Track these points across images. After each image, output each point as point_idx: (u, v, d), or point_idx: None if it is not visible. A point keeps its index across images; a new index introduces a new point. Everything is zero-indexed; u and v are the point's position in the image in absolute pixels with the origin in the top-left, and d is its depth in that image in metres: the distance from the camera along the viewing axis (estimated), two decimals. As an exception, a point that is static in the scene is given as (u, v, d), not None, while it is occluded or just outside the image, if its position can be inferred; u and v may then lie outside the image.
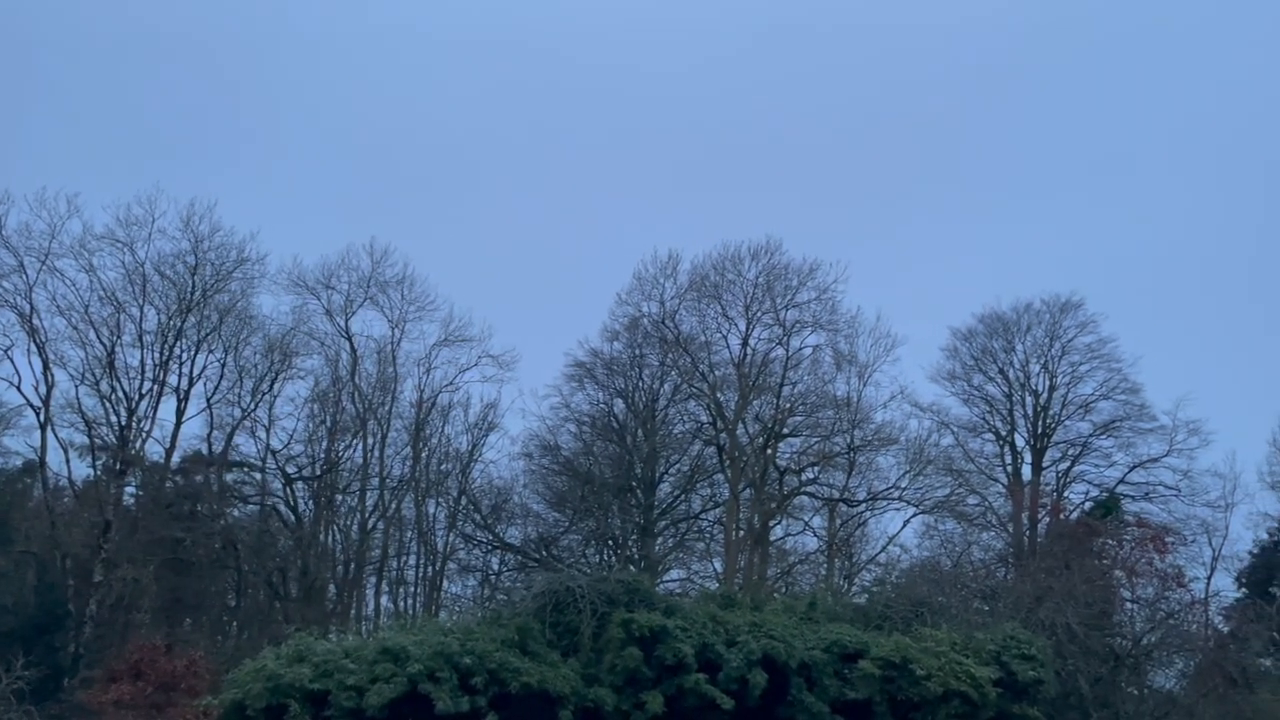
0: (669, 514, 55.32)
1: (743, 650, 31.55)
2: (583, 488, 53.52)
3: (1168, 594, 43.30)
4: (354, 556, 53.62)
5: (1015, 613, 37.27)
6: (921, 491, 52.25)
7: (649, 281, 54.29)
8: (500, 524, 55.62)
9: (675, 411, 55.82)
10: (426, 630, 32.69)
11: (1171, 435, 52.58)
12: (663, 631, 31.39)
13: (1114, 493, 52.25)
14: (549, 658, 31.47)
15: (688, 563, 57.00)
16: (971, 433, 55.79)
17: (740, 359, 53.17)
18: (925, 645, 32.12)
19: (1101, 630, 39.03)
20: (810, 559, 55.65)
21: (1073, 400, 54.55)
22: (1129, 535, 45.93)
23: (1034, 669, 32.47)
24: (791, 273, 53.24)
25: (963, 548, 50.39)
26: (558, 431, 55.79)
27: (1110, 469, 53.83)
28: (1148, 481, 52.92)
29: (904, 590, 38.80)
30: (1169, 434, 52.65)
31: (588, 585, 33.09)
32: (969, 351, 56.42)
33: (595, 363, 55.38)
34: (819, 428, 53.65)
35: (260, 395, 53.30)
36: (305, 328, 54.98)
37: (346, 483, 55.31)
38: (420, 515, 55.29)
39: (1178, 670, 44.04)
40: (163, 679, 37.24)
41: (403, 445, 55.86)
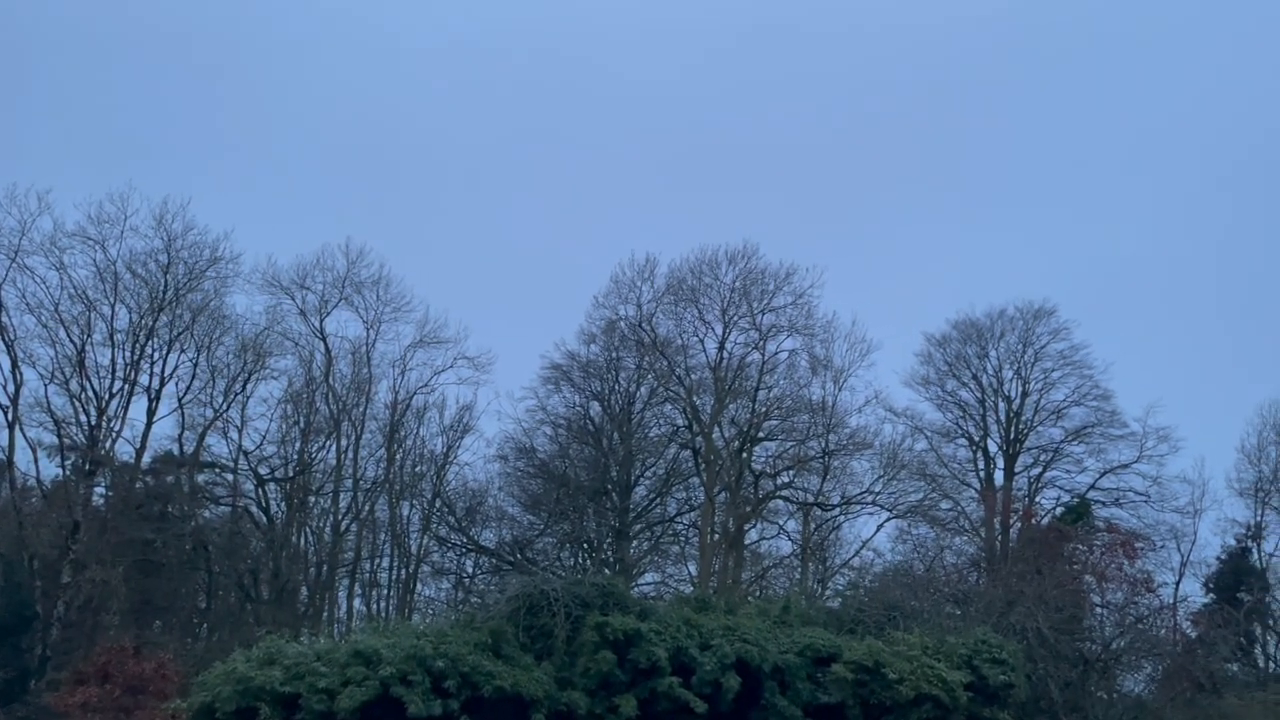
0: (644, 517, 55.36)
1: (716, 654, 31.63)
2: (558, 490, 53.45)
3: (1137, 599, 43.77)
4: (326, 559, 53.27)
5: (987, 617, 37.57)
6: (895, 496, 52.62)
7: (626, 284, 54.44)
8: (475, 527, 55.45)
9: (651, 415, 55.89)
10: (399, 633, 32.57)
11: (1141, 442, 53.24)
12: (637, 635, 31.41)
13: (1085, 498, 52.75)
14: (522, 661, 31.42)
15: (662, 566, 57.07)
16: (945, 438, 56.25)
17: (716, 363, 53.34)
18: (897, 649, 32.32)
19: (1071, 635, 39.41)
20: (784, 563, 55.88)
21: (1045, 406, 55.11)
22: (1099, 541, 46.42)
23: (1005, 673, 32.74)
24: (768, 277, 53.53)
25: (935, 552, 50.73)
26: (533, 434, 55.79)
27: (1081, 475, 54.44)
28: (1118, 487, 53.50)
29: (877, 594, 39.03)
30: (1139, 440, 53.32)
31: (562, 588, 33.07)
32: (943, 357, 56.91)
33: (572, 365, 55.41)
34: (794, 432, 53.88)
35: (233, 395, 52.91)
36: (279, 328, 54.70)
37: (319, 484, 54.97)
38: (394, 517, 55.03)
39: (1146, 675, 44.53)
40: (131, 681, 36.84)
41: (377, 447, 55.61)
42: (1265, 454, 53.07)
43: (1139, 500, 52.80)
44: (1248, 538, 52.59)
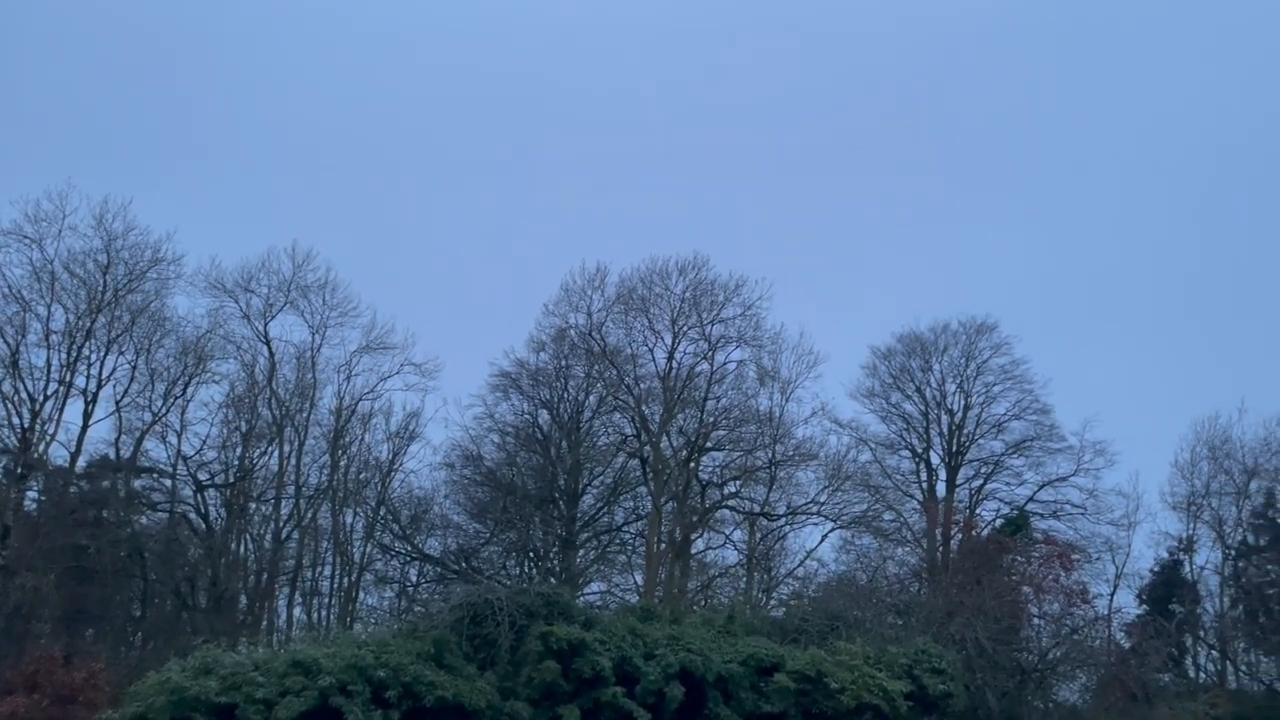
0: (591, 526, 55.27)
1: (660, 663, 31.69)
2: (505, 499, 53.17)
3: (1073, 610, 44.66)
4: (267, 566, 52.41)
5: (927, 627, 38.09)
6: (839, 507, 53.16)
7: (576, 293, 54.43)
8: (419, 535, 54.92)
9: (600, 423, 55.86)
10: (340, 642, 32.14)
11: (1079, 455, 54.37)
12: (581, 644, 31.35)
13: (1024, 510, 53.73)
14: (465, 671, 31.19)
15: (609, 575, 57.01)
16: (889, 449, 56.98)
17: (666, 372, 53.52)
18: (840, 659, 32.64)
19: (1009, 645, 40.08)
20: (730, 572, 56.12)
21: (986, 420, 56.10)
22: (1037, 552, 47.26)
23: (944, 683, 33.22)
24: (718, 288, 53.87)
25: (878, 563, 51.31)
26: (481, 442, 55.44)
27: (1020, 487, 55.43)
28: (1056, 500, 54.57)
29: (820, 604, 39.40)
30: (1076, 454, 54.46)
31: (507, 597, 32.91)
32: (888, 370, 57.70)
33: (521, 373, 55.19)
34: (741, 442, 54.22)
35: (172, 399, 51.94)
36: (221, 331, 53.82)
37: (261, 490, 54.10)
38: (337, 525, 54.33)
39: (1081, 684, 45.42)
40: (60, 691, 35.85)
41: (321, 453, 54.90)
42: (1197, 469, 54.54)
43: (1076, 513, 53.94)
44: (1180, 550, 53.93)
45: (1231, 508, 53.49)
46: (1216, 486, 53.84)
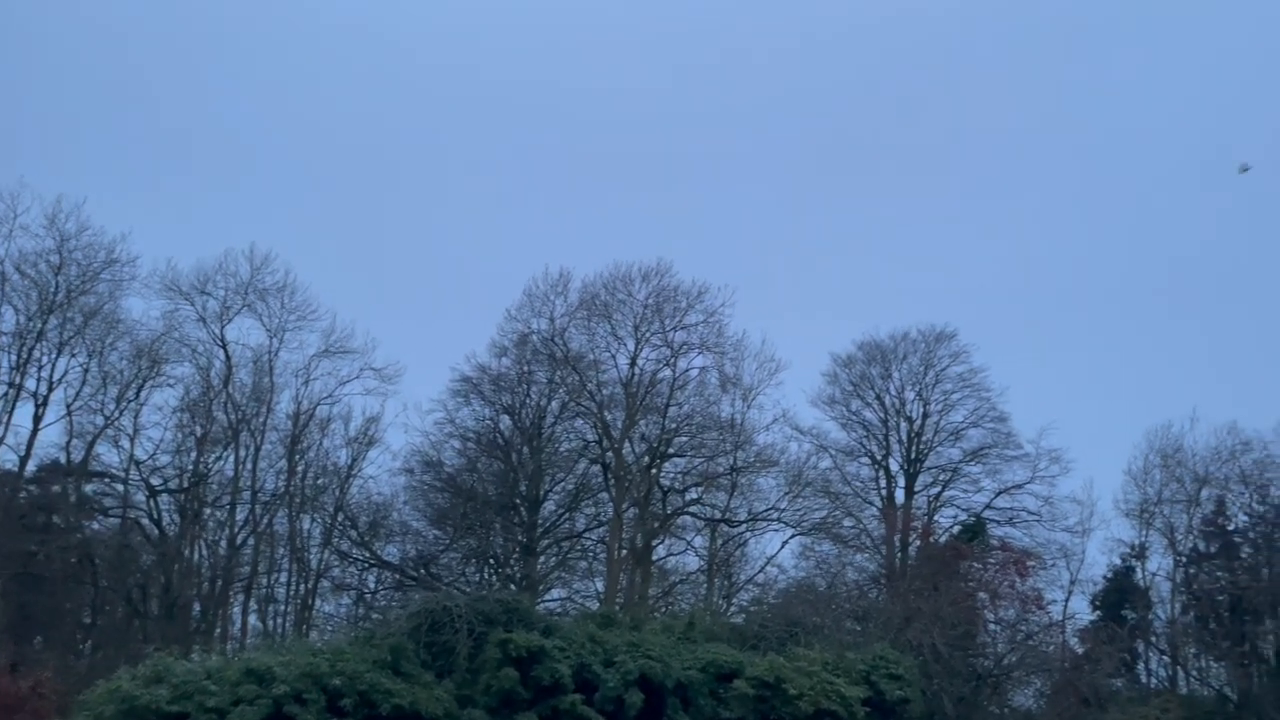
0: (552, 532, 55.05)
1: (620, 670, 31.66)
2: (465, 505, 52.80)
3: (1027, 616, 45.20)
4: (221, 573, 51.62)
5: (885, 633, 38.38)
6: (800, 513, 53.37)
7: (539, 298, 54.26)
8: (378, 541, 54.36)
9: (562, 429, 55.67)
10: (295, 650, 31.82)
11: (1034, 463, 55.01)
12: (540, 652, 31.26)
13: (980, 517, 54.29)
14: (422, 679, 30.97)
15: (569, 582, 56.79)
16: (849, 456, 57.34)
17: (628, 378, 53.48)
18: (798, 665, 32.80)
19: (965, 650, 40.50)
20: (691, 579, 56.13)
21: (944, 427, 56.62)
22: (993, 559, 47.79)
23: (901, 688, 33.49)
24: (681, 295, 53.96)
25: (837, 569, 51.60)
26: (441, 447, 55.01)
27: (978, 494, 55.97)
28: (1012, 507, 55.15)
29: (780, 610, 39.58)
30: (1032, 462, 55.08)
31: (465, 604, 32.75)
32: (848, 377, 58.06)
33: (482, 378, 54.88)
34: (703, 448, 54.31)
35: (125, 403, 51.06)
36: (177, 334, 53.02)
37: (216, 496, 53.30)
38: (294, 531, 53.64)
39: (1035, 689, 45.97)
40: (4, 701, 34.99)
41: (277, 458, 54.17)
42: (1150, 477, 55.31)
43: (1031, 520, 54.56)
44: (1132, 557, 54.68)
45: (1183, 515, 54.36)
46: (1168, 494, 54.70)
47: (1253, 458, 53.85)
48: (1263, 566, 52.07)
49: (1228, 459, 54.15)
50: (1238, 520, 54.52)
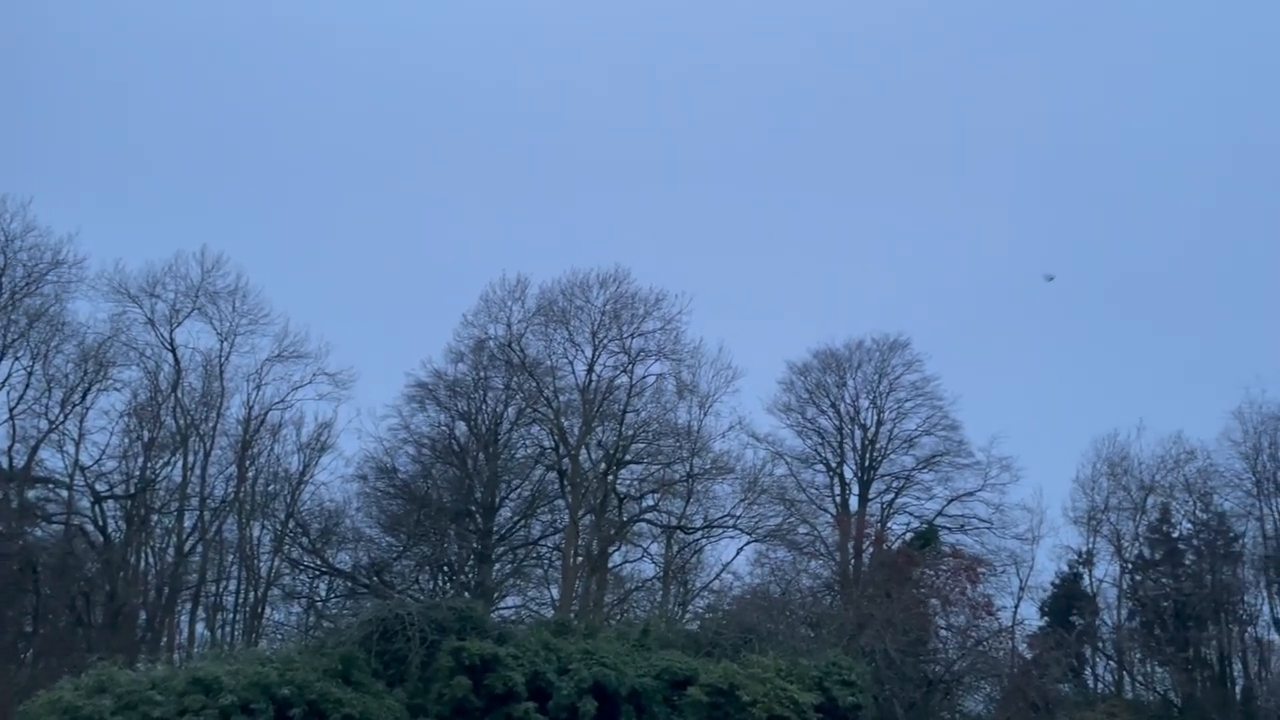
0: (507, 540, 54.76)
1: (574, 678, 31.56)
2: (419, 511, 52.36)
3: (978, 622, 45.77)
4: (168, 581, 50.65)
5: (838, 639, 38.65)
6: (755, 520, 53.60)
7: (496, 304, 54.02)
8: (330, 548, 53.70)
9: (518, 436, 55.44)
10: (243, 659, 31.32)
11: (986, 471, 55.81)
12: (494, 660, 31.07)
13: (932, 524, 54.89)
14: (374, 687, 30.64)
15: (524, 589, 56.53)
16: (804, 463, 57.75)
17: (585, 385, 53.40)
18: (752, 671, 32.91)
19: (917, 657, 40.92)
20: (647, 586, 56.14)
21: (898, 435, 57.26)
22: (945, 565, 48.34)
23: (853, 694, 33.72)
24: (638, 301, 54.02)
25: (792, 575, 51.89)
26: (395, 453, 54.51)
27: (930, 501, 56.66)
28: (963, 514, 55.89)
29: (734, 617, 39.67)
30: (983, 470, 55.89)
31: (418, 612, 32.46)
32: (804, 385, 58.52)
33: (438, 384, 54.47)
34: (660, 455, 54.36)
35: (70, 407, 50.00)
36: (124, 337, 52.06)
37: (163, 502, 52.33)
38: (244, 538, 52.80)
39: (985, 695, 46.55)
40: (-59, 714, 34.11)
41: (227, 464, 53.33)
42: (1097, 485, 56.34)
43: (982, 527, 55.32)
44: (1080, 564, 55.61)
45: (1129, 523, 55.45)
46: (1115, 502, 55.77)
47: (1196, 466, 55.18)
48: (1206, 573, 53.24)
49: (1172, 468, 55.38)
50: (1182, 528, 55.74)
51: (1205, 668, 52.66)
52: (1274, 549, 53.06)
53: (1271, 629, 53.35)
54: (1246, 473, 54.37)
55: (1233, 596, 53.11)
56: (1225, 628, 52.73)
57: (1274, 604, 53.62)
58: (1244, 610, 53.83)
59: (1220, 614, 52.60)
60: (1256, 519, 54.22)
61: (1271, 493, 53.90)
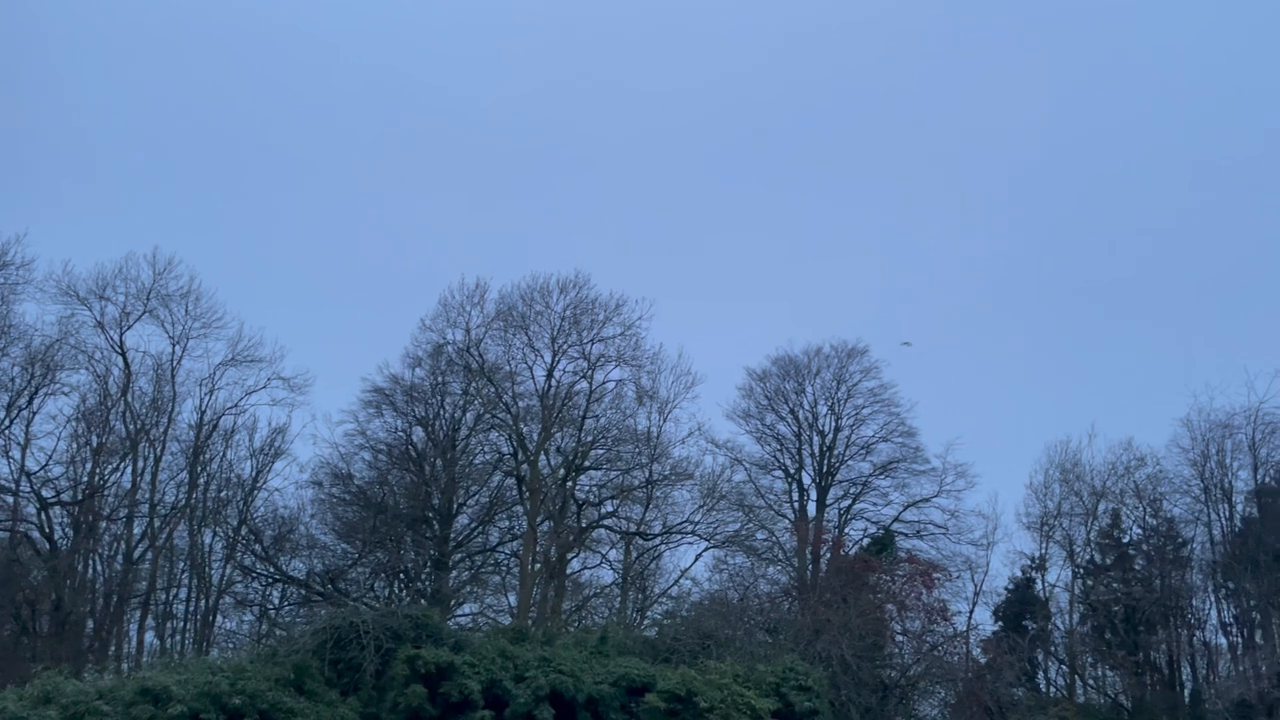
0: (465, 546, 54.33)
1: (531, 685, 31.35)
2: (375, 518, 51.79)
3: (933, 627, 46.14)
4: (116, 589, 49.63)
5: (796, 645, 38.77)
6: (714, 526, 53.65)
7: (455, 308, 53.65)
8: (283, 556, 52.93)
9: (477, 441, 55.04)
10: (193, 669, 30.77)
11: (941, 477, 56.32)
12: (449, 668, 30.77)
13: (889, 530, 55.32)
14: (327, 696, 30.23)
15: (482, 596, 56.09)
16: (763, 470, 57.96)
17: (545, 391, 53.17)
18: (709, 677, 32.90)
19: (873, 662, 41.14)
20: (605, 592, 55.98)
21: (855, 441, 57.64)
22: (901, 571, 48.71)
23: (810, 700, 33.84)
24: (598, 307, 53.92)
25: (750, 581, 51.99)
26: (351, 459, 53.87)
27: (887, 507, 57.05)
28: (919, 520, 56.33)
29: (692, 623, 39.63)
30: (939, 476, 56.38)
31: (373, 620, 32.09)
32: (763, 391, 58.75)
33: (395, 389, 53.95)
34: (619, 461, 54.26)
35: (16, 412, 48.91)
36: (73, 340, 51.05)
37: (112, 509, 51.30)
38: (195, 545, 51.90)
39: (940, 699, 46.93)
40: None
41: (178, 470, 52.46)
42: (1050, 490, 57.06)
43: (938, 532, 55.83)
44: (1033, 569, 56.31)
45: (1081, 528, 56.22)
46: (1067, 508, 56.50)
47: (1146, 473, 56.13)
48: (1155, 578, 54.14)
49: (1123, 474, 56.27)
50: (1132, 533, 56.67)
51: (1155, 671, 53.53)
52: (1221, 554, 54.09)
53: (1219, 633, 54.45)
54: (1195, 479, 55.43)
55: (1181, 601, 54.05)
56: (1174, 632, 53.65)
57: (1221, 608, 54.69)
58: (1192, 614, 54.83)
59: (1169, 618, 53.51)
60: (1204, 525, 55.26)
61: (1219, 499, 54.98)
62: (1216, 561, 54.18)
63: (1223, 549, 54.13)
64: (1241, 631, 53.19)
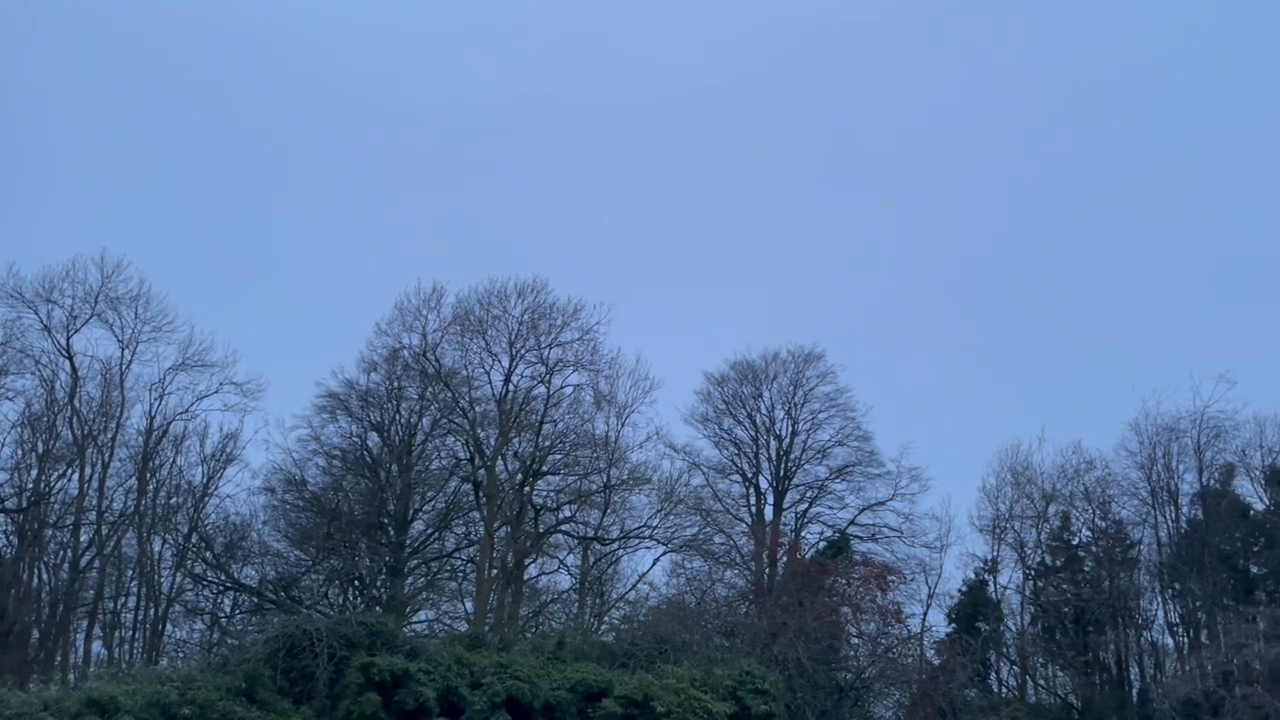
0: (421, 552, 53.90)
1: (487, 692, 31.20)
2: (329, 525, 51.20)
3: (888, 629, 46.56)
4: (63, 598, 48.59)
5: (753, 648, 38.94)
6: (671, 530, 53.77)
7: (411, 312, 53.25)
8: (235, 563, 52.14)
9: (433, 447, 54.64)
10: (142, 679, 30.22)
11: (896, 481, 56.99)
12: (405, 675, 30.52)
13: (845, 533, 55.78)
14: (279, 706, 29.86)
15: (438, 603, 55.69)
16: (720, 474, 58.20)
17: (502, 395, 52.96)
18: (666, 682, 32.95)
19: (829, 664, 41.44)
20: (563, 598, 55.82)
21: (812, 445, 58.10)
22: (856, 574, 49.12)
23: (766, 703, 34.01)
24: (556, 312, 53.79)
25: (708, 585, 52.14)
26: (305, 465, 53.23)
27: (843, 511, 57.58)
28: (874, 523, 56.92)
29: (650, 628, 39.66)
30: (894, 479, 57.04)
31: (326, 628, 31.74)
32: (721, 396, 59.05)
33: (350, 394, 53.40)
34: (577, 466, 54.17)
35: (-41, 417, 47.68)
36: (18, 344, 50.00)
37: (58, 516, 50.23)
38: (144, 553, 50.96)
39: (895, 701, 47.37)
40: None
41: (127, 476, 51.49)
42: (1002, 493, 57.93)
43: (893, 535, 56.45)
44: (986, 571, 57.08)
45: (1032, 530, 57.12)
46: (1019, 510, 57.39)
47: (1095, 475, 57.15)
48: (1104, 579, 55.08)
49: (1072, 476, 57.25)
50: (1081, 535, 57.63)
51: (1104, 671, 54.46)
52: (1168, 556, 55.19)
53: (1165, 633, 55.55)
54: (1142, 481, 56.55)
55: (1129, 602, 55.06)
56: (1122, 632, 54.63)
57: (1168, 609, 55.80)
58: (1140, 615, 55.87)
59: (1118, 619, 54.47)
60: (1151, 526, 56.39)
61: (1165, 501, 56.12)
62: (1163, 563, 55.25)
63: (1169, 550, 55.22)
64: (1187, 632, 54.30)
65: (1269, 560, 51.79)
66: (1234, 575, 53.14)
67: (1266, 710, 43.76)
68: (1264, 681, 45.51)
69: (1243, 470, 55.26)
